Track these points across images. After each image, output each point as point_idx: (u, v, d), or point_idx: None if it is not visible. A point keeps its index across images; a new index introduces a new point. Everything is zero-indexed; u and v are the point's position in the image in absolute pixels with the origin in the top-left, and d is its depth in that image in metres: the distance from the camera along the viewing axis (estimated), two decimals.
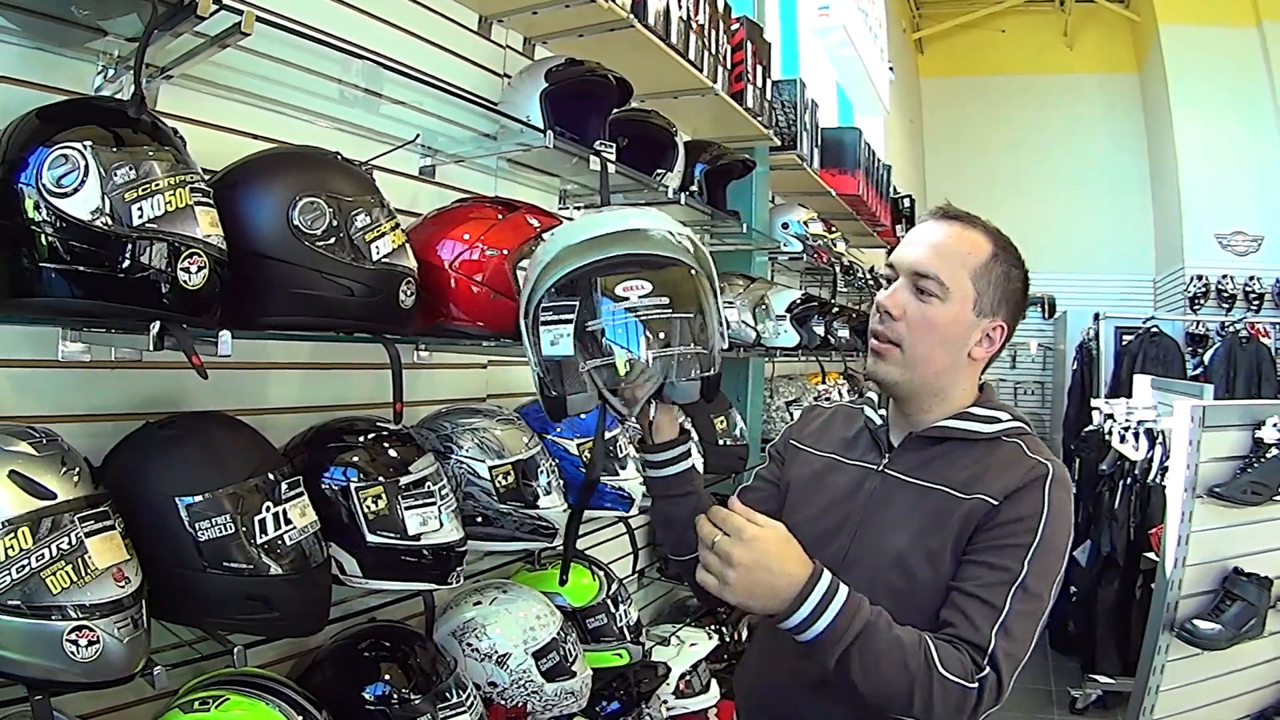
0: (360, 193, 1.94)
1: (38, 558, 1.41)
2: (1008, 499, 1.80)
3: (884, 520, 1.92)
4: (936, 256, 1.91)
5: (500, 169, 3.10)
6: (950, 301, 1.89)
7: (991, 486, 1.82)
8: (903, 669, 1.63)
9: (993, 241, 1.94)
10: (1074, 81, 12.69)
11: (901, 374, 1.93)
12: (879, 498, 1.95)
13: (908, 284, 1.92)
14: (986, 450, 1.91)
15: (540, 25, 3.20)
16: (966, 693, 1.65)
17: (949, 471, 1.89)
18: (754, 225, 4.69)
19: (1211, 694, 4.03)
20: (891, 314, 1.92)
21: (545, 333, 1.78)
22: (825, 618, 1.62)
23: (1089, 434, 7.19)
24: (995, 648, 1.69)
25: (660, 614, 4.35)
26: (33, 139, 1.51)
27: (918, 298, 1.90)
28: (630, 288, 1.75)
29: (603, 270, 1.75)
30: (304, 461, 2.04)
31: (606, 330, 1.76)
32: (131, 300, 1.53)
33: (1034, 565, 1.75)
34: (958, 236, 1.93)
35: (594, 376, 1.79)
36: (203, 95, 2.13)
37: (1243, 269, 10.83)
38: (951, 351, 1.93)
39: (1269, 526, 3.96)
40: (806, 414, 2.30)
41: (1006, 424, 1.95)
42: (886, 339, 1.93)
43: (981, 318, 1.92)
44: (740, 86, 4.20)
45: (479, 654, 2.49)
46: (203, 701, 1.77)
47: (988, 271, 1.92)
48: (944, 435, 1.94)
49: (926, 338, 1.91)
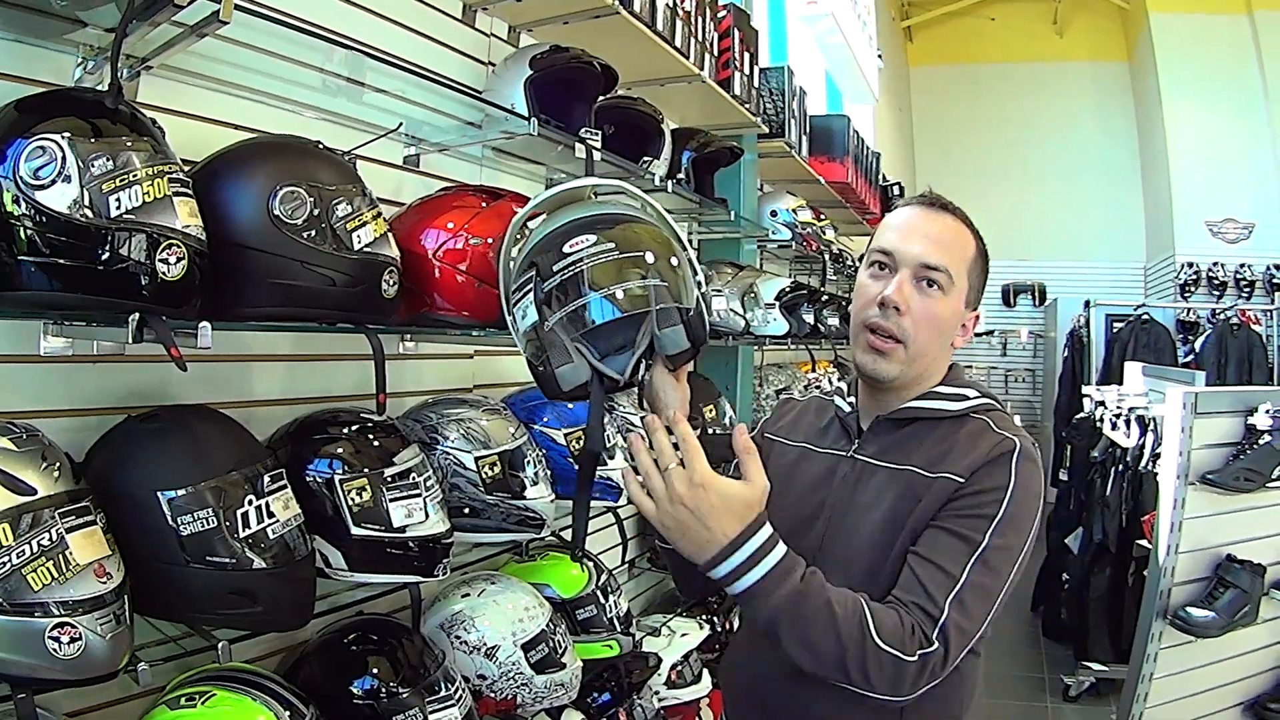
0: (341, 181, 1.91)
1: (18, 554, 1.40)
2: (974, 474, 1.80)
3: (856, 505, 1.92)
4: (942, 249, 1.89)
5: (485, 158, 3.09)
6: (951, 295, 1.89)
7: (958, 464, 1.82)
8: (833, 636, 1.61)
9: (974, 234, 1.96)
10: (1064, 69, 12.73)
11: (901, 370, 1.91)
12: (850, 483, 1.95)
13: (911, 276, 1.89)
14: (952, 428, 1.91)
15: (525, 12, 3.18)
16: (903, 665, 1.63)
17: (917, 451, 1.89)
18: (742, 213, 4.69)
19: (1204, 681, 4.03)
20: (899, 307, 1.88)
21: (515, 311, 1.79)
22: (751, 575, 1.60)
23: (1080, 421, 7.20)
24: (948, 619, 1.68)
25: (651, 604, 4.35)
26: (10, 131, 1.49)
27: (921, 291, 1.89)
28: (575, 243, 1.74)
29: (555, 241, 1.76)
30: (288, 454, 2.03)
31: (560, 284, 1.74)
32: (110, 292, 1.51)
33: (995, 538, 1.74)
34: (954, 230, 1.93)
35: (580, 347, 1.78)
36: (183, 86, 2.11)
37: (1233, 256, 10.88)
38: (943, 343, 1.95)
39: (1261, 513, 3.96)
40: (780, 407, 2.30)
41: (973, 400, 1.95)
42: (890, 335, 1.89)
43: (967, 309, 1.95)
44: (728, 74, 4.18)
45: (468, 646, 2.47)
46: (189, 698, 1.75)
47: (976, 265, 1.94)
48: (912, 416, 1.94)
49: (928, 331, 1.90)
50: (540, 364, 1.76)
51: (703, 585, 2.12)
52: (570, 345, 1.74)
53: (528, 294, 1.75)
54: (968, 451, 1.84)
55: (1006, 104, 12.87)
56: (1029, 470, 1.82)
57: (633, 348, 1.78)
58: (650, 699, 3.37)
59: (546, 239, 1.76)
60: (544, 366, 1.76)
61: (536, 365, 1.77)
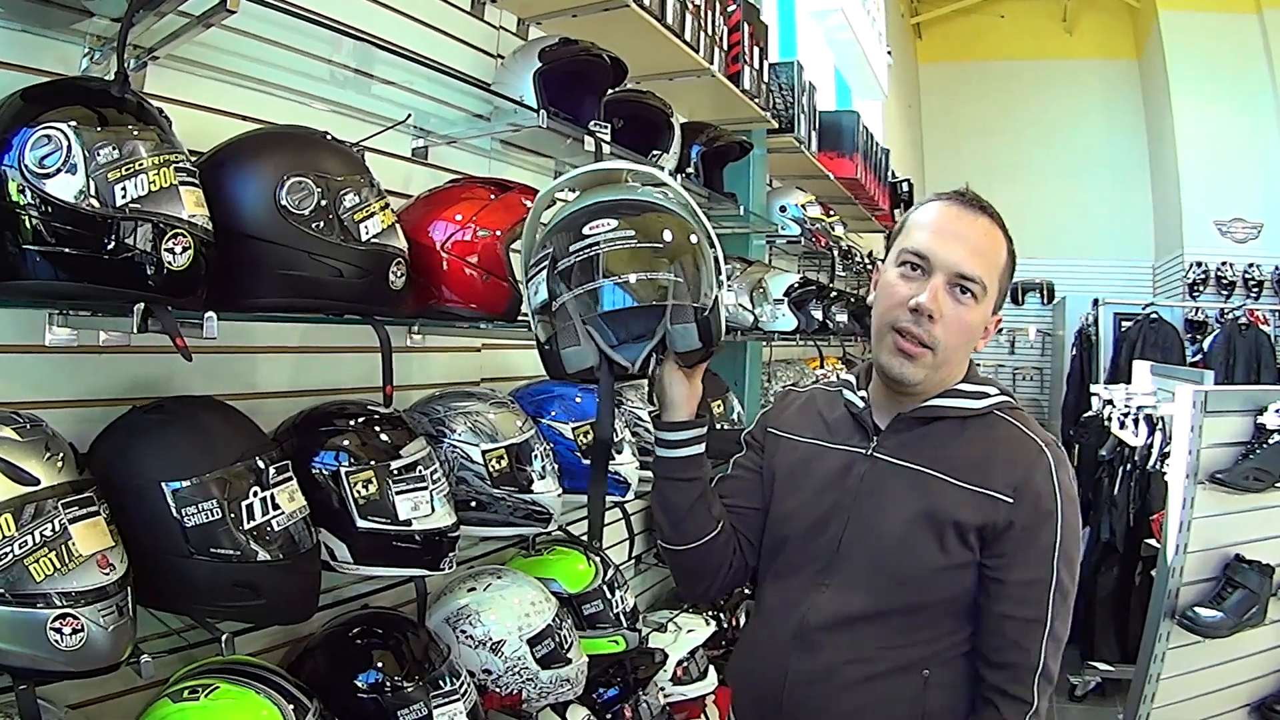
0: (349, 172, 1.90)
1: (21, 545, 1.39)
2: (1020, 495, 1.79)
3: (879, 505, 1.88)
4: (979, 258, 1.84)
5: (494, 150, 3.08)
6: (983, 302, 1.85)
7: (998, 480, 1.80)
8: None
9: (1006, 237, 1.91)
10: (1073, 67, 12.67)
11: (927, 375, 1.87)
12: (870, 482, 1.91)
13: (945, 283, 1.83)
14: (979, 428, 1.89)
15: (534, 5, 3.18)
16: None
17: (944, 453, 1.86)
18: (751, 208, 4.67)
19: (1212, 682, 4.01)
20: (932, 315, 1.82)
21: (529, 288, 1.79)
22: None
23: (1088, 419, 7.18)
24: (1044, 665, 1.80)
25: (657, 600, 4.35)
26: (16, 120, 1.48)
27: (955, 298, 1.83)
28: (595, 226, 1.74)
29: (576, 221, 1.77)
30: (293, 446, 2.02)
31: (575, 266, 1.75)
32: (116, 282, 1.51)
33: (1062, 567, 1.79)
34: (990, 235, 1.88)
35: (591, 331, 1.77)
36: (191, 76, 2.10)
37: (1242, 256, 10.83)
38: (969, 349, 1.92)
39: (1271, 513, 3.93)
40: (781, 399, 2.25)
41: (995, 398, 1.93)
42: (920, 341, 1.84)
43: (993, 314, 1.91)
44: (737, 68, 4.17)
45: (473, 641, 2.46)
46: (192, 690, 1.74)
47: (1005, 270, 1.90)
48: (935, 415, 1.91)
49: (959, 338, 1.86)
50: (548, 343, 1.76)
51: (706, 590, 2.12)
52: (581, 329, 1.74)
53: (541, 271, 1.76)
54: (1007, 464, 1.82)
55: (1015, 102, 12.82)
56: (1066, 477, 1.82)
57: (649, 338, 1.78)
58: (656, 695, 3.36)
59: (568, 218, 1.77)
60: (551, 345, 1.76)
61: (544, 344, 1.77)
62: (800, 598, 1.92)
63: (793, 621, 1.91)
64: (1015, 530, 1.77)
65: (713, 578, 2.08)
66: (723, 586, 2.12)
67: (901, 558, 1.82)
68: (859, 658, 1.83)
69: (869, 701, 1.75)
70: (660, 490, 2.02)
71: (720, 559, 2.05)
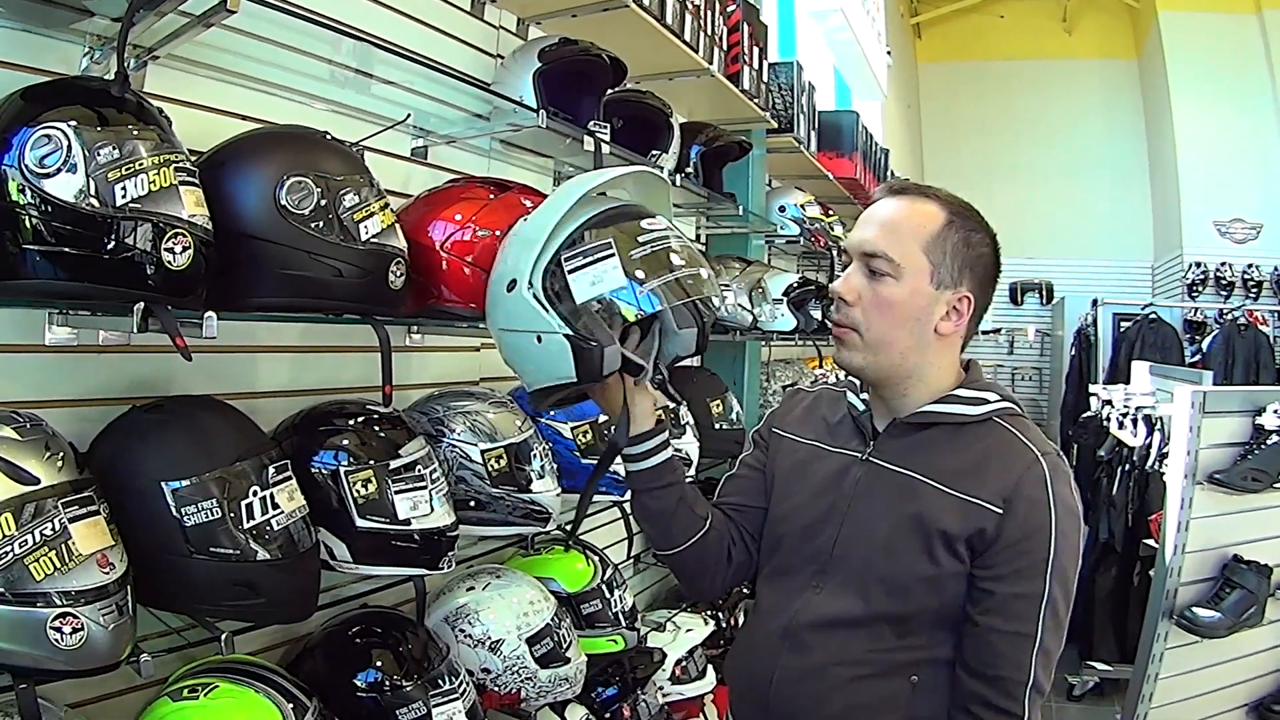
0: (349, 172, 1.90)
1: (20, 544, 1.39)
2: (1011, 506, 1.75)
3: (871, 509, 1.87)
4: (884, 233, 1.84)
5: (493, 150, 3.08)
6: (904, 278, 1.82)
7: (988, 488, 1.77)
8: None
9: (947, 209, 1.86)
10: (1073, 67, 12.66)
11: (865, 358, 1.87)
12: (864, 486, 1.90)
13: (860, 266, 1.87)
14: (976, 436, 1.85)
15: (533, 5, 3.18)
16: None
17: (938, 460, 1.84)
18: (750, 208, 4.66)
19: (1210, 682, 4.01)
20: (845, 299, 1.86)
21: (580, 277, 1.78)
22: None
23: (1087, 420, 7.17)
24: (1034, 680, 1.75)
25: (656, 599, 4.35)
26: (16, 119, 1.48)
27: (870, 279, 1.84)
28: (653, 222, 1.80)
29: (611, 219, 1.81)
30: (293, 445, 2.02)
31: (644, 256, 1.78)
32: (116, 282, 1.51)
33: (1055, 581, 1.74)
34: (907, 209, 1.87)
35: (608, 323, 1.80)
36: (191, 76, 2.10)
37: (1241, 256, 10.82)
38: (915, 330, 1.85)
39: (1269, 514, 3.94)
40: (789, 399, 2.26)
41: (995, 405, 1.88)
42: (844, 324, 1.88)
43: (942, 290, 1.84)
44: (737, 68, 4.17)
45: (472, 640, 2.47)
46: (192, 689, 1.75)
47: (943, 241, 1.83)
48: (929, 421, 1.88)
49: (884, 318, 1.84)
50: (585, 341, 1.77)
51: (709, 587, 2.13)
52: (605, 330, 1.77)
53: (605, 258, 1.77)
54: (999, 473, 1.78)
55: (1015, 101, 12.81)
56: (1064, 489, 1.77)
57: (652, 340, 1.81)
58: (655, 694, 3.36)
59: (607, 214, 1.82)
60: (587, 345, 1.77)
61: (582, 342, 1.77)
62: (793, 598, 1.93)
63: (784, 620, 1.92)
64: (1005, 541, 1.74)
65: (713, 575, 2.09)
66: (726, 581, 2.12)
67: (890, 564, 1.81)
68: (847, 659, 1.83)
69: (855, 703, 1.75)
70: (641, 503, 2.03)
71: (716, 555, 2.06)
